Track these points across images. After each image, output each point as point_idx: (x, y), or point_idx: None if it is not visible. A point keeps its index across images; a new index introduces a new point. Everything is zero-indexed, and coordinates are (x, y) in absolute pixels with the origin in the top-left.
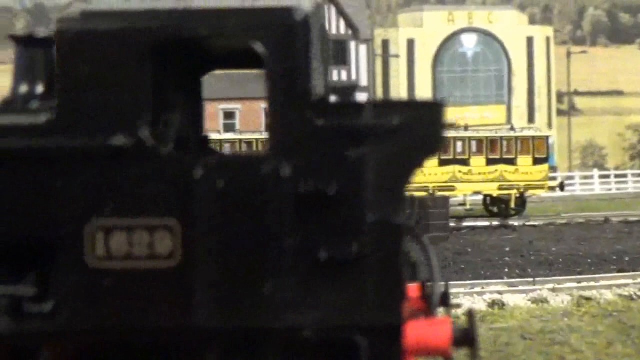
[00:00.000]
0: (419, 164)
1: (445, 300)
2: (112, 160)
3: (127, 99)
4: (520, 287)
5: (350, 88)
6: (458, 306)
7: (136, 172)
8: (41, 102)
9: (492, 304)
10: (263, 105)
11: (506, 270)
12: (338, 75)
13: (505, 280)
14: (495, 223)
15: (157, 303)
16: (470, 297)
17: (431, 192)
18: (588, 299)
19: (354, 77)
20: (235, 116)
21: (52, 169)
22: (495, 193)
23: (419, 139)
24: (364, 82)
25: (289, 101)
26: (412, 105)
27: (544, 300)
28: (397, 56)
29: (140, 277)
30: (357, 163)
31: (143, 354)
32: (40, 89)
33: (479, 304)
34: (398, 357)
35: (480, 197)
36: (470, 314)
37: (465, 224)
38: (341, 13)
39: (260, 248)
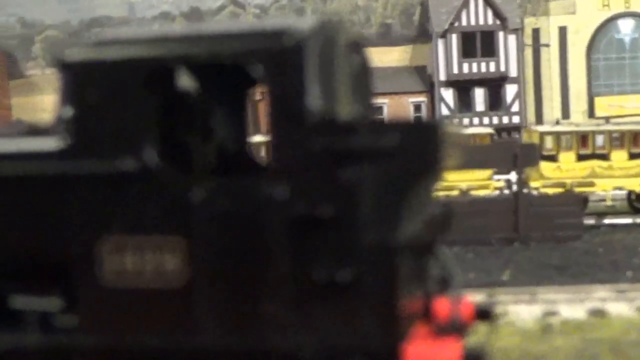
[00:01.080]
0: (416, 185)
1: (485, 314)
2: (119, 182)
3: (132, 124)
4: (632, 294)
5: (499, 80)
6: (495, 318)
7: (143, 193)
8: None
9: (594, 313)
10: (410, 99)
11: (629, 273)
12: (486, 67)
13: (615, 284)
14: (638, 220)
15: (165, 321)
16: (571, 305)
17: (568, 188)
18: None
19: (502, 68)
20: (383, 110)
21: (67, 191)
22: (638, 189)
23: (415, 161)
24: (513, 73)
25: (284, 123)
26: (408, 127)
27: None
28: (547, 45)
29: (149, 295)
30: (353, 185)
31: None
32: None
33: (578, 313)
34: None
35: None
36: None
37: (606, 221)
38: (489, 3)
39: (258, 270)
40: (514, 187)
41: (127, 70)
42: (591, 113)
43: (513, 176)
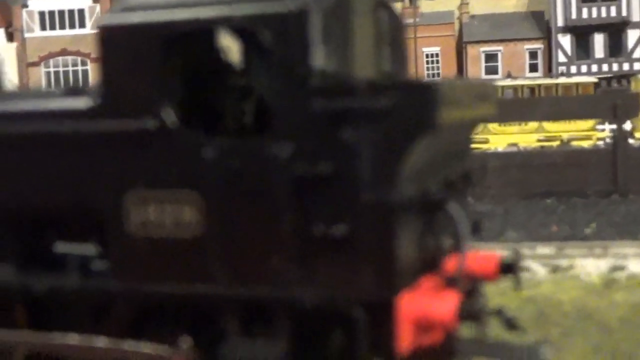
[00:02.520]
0: (411, 145)
1: (511, 268)
2: (142, 140)
3: (152, 86)
4: None
5: (620, 25)
6: (519, 273)
7: (162, 151)
8: None
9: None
10: (526, 46)
11: None
12: (607, 11)
13: None
14: None
15: (183, 269)
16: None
17: None
18: None
19: (624, 12)
20: (497, 58)
21: (96, 148)
22: None
23: (410, 121)
24: (635, 17)
25: (287, 87)
26: (403, 88)
27: None
28: None
29: (171, 244)
30: (352, 144)
31: (174, 317)
32: None
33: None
34: (392, 329)
35: None
36: (480, 298)
37: None
38: None
39: (263, 224)
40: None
41: (146, 35)
42: None
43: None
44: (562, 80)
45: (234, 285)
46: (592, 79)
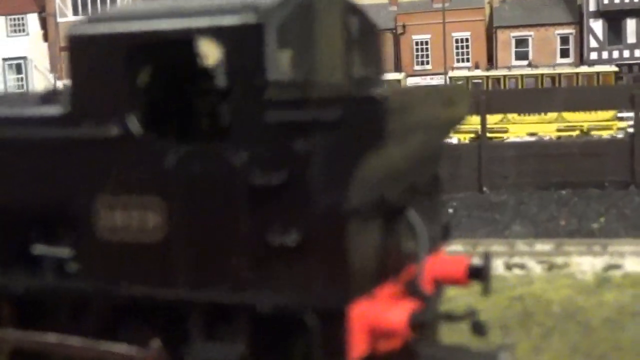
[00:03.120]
0: (361, 156)
1: (480, 273)
2: (108, 146)
3: (117, 94)
4: None
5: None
6: (489, 276)
7: (128, 157)
8: None
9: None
10: (557, 32)
11: None
12: None
13: None
14: None
15: (148, 273)
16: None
17: None
18: None
19: None
20: (528, 44)
21: (66, 153)
22: None
23: (358, 133)
24: None
25: (242, 97)
26: (351, 100)
27: None
28: None
29: (136, 247)
30: (304, 154)
31: (144, 318)
32: None
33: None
34: (345, 336)
35: None
36: (431, 307)
37: None
38: None
39: (222, 231)
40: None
41: (110, 45)
42: None
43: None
44: (583, 69)
45: (196, 289)
46: (613, 68)
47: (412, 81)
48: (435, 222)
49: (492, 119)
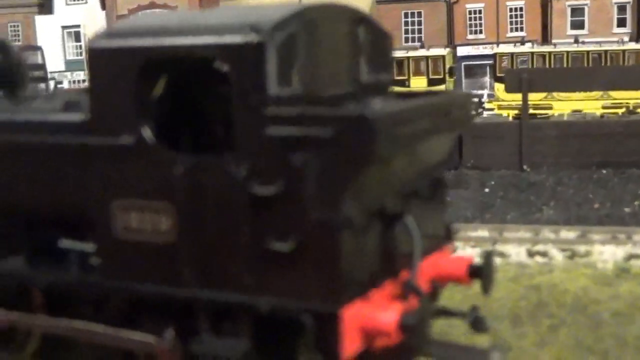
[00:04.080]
0: (353, 171)
1: (480, 272)
2: (124, 154)
3: (132, 105)
4: None
5: None
6: (490, 275)
7: (142, 165)
8: None
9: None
10: (614, 0)
11: None
12: None
13: None
14: None
15: (159, 272)
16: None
17: None
18: None
19: None
20: (584, 12)
21: (86, 158)
22: None
23: (350, 150)
24: None
25: (245, 114)
26: (340, 119)
27: None
28: None
29: (149, 247)
30: (300, 168)
31: (159, 312)
32: None
33: None
34: (338, 336)
35: None
36: (421, 309)
37: None
38: None
39: (224, 236)
40: None
41: (126, 58)
42: None
43: None
44: (630, 46)
45: (202, 289)
46: None
47: (464, 50)
48: (439, 224)
49: (537, 96)
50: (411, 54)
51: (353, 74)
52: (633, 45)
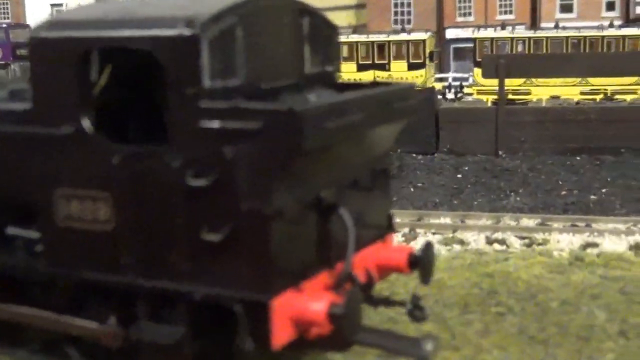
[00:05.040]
0: (281, 164)
1: (417, 263)
2: (64, 143)
3: (71, 94)
4: None
5: None
6: (429, 266)
7: (81, 154)
8: None
9: (634, 247)
10: None
11: None
12: None
13: None
14: None
15: (100, 259)
16: (615, 237)
17: None
18: None
19: None
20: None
21: (29, 147)
22: None
23: (277, 142)
24: None
25: (180, 106)
26: (268, 112)
27: None
28: None
29: (89, 235)
30: (231, 159)
31: (100, 300)
32: None
33: (619, 246)
34: (268, 325)
35: None
36: (350, 298)
37: None
38: None
39: (161, 224)
40: None
41: (65, 48)
42: None
43: None
44: (609, 32)
45: (140, 276)
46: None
47: (453, 33)
48: (381, 214)
49: (515, 82)
50: (392, 37)
51: (296, 66)
52: (612, 31)
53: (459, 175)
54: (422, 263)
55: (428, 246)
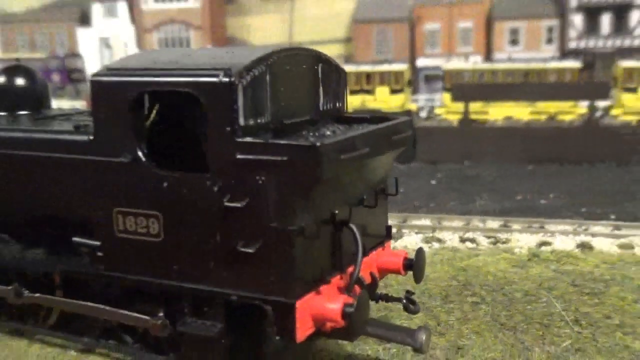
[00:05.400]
0: (302, 192)
1: (410, 265)
2: (122, 170)
3: (128, 129)
4: (624, 232)
5: (625, 6)
6: (420, 269)
7: (136, 179)
8: None
9: (581, 246)
10: (543, 23)
11: None
12: None
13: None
14: None
15: (151, 265)
16: (565, 237)
17: None
18: None
19: None
20: (520, 33)
21: (91, 172)
22: None
23: (300, 172)
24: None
25: (219, 140)
26: (293, 147)
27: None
28: None
29: (142, 245)
30: (261, 185)
31: (150, 297)
32: None
33: (568, 245)
34: (293, 323)
35: None
36: (360, 300)
37: None
38: None
39: (202, 238)
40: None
41: (122, 91)
42: None
43: (598, 105)
44: (552, 65)
45: (185, 280)
46: (577, 65)
47: (423, 62)
48: (381, 225)
49: (477, 104)
50: (377, 68)
51: (313, 103)
52: (554, 64)
53: (433, 182)
54: (415, 266)
55: (420, 251)
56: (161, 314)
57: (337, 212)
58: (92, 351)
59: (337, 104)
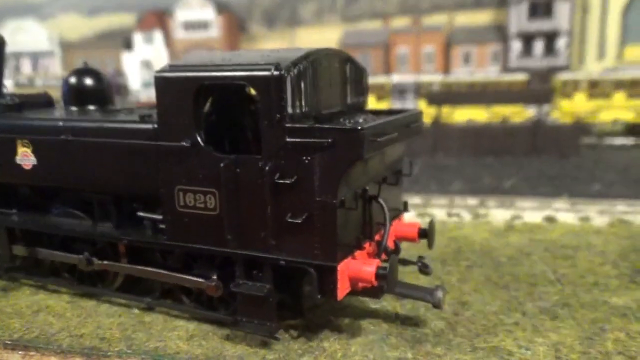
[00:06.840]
0: (344, 170)
1: (425, 234)
2: (183, 153)
3: (188, 117)
4: (581, 207)
5: (553, 34)
6: (433, 236)
7: (195, 161)
8: None
9: (547, 219)
10: (490, 48)
11: (597, 186)
12: (544, 24)
13: (571, 198)
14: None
15: (208, 235)
16: (533, 212)
17: (578, 118)
18: (625, 221)
19: (555, 25)
20: (472, 55)
21: (157, 156)
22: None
23: (344, 152)
24: (563, 27)
25: (270, 126)
26: (337, 130)
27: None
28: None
29: (201, 218)
30: (308, 164)
31: (205, 263)
32: None
33: (537, 218)
34: (335, 284)
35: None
36: (391, 264)
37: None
38: None
39: (255, 211)
40: (539, 117)
41: (184, 85)
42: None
43: (543, 108)
44: (504, 78)
45: (238, 247)
46: (526, 77)
47: (395, 78)
48: (399, 200)
49: (445, 109)
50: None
51: (342, 97)
52: (506, 77)
53: (414, 170)
54: (428, 234)
55: (431, 222)
56: (214, 277)
57: (367, 188)
58: (152, 309)
59: (360, 99)
